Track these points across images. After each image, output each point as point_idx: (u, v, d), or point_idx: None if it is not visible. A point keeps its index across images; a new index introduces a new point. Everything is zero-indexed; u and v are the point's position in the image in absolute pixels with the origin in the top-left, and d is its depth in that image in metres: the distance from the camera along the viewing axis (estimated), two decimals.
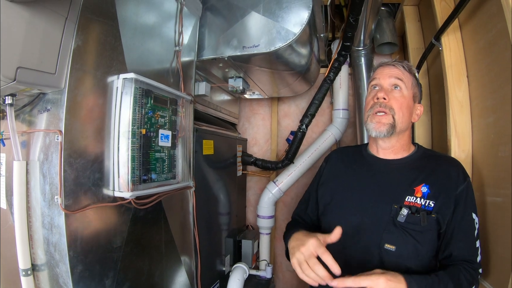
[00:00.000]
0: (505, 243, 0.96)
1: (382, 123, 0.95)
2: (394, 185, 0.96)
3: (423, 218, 0.88)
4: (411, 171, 0.96)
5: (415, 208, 0.90)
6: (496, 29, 1.03)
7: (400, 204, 0.92)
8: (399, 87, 0.97)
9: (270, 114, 2.38)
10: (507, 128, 0.98)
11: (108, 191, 0.89)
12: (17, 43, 0.67)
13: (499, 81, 1.02)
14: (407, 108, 0.97)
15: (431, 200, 0.90)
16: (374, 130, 0.96)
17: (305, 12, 1.23)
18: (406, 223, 0.89)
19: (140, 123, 0.92)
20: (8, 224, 0.93)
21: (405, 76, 0.98)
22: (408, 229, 0.90)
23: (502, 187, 1.00)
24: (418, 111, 1.02)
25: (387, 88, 0.98)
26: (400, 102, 0.96)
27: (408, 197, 0.92)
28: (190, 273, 1.30)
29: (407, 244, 0.90)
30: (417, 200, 0.91)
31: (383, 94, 0.96)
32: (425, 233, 0.89)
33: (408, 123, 0.99)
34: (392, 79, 0.98)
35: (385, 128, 0.94)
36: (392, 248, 0.90)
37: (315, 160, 1.93)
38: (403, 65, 1.00)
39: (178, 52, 1.20)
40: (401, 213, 0.90)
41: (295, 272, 0.85)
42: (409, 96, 0.98)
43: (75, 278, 0.80)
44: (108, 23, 0.88)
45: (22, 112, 0.89)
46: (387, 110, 0.95)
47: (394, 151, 1.01)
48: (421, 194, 0.92)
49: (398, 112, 0.95)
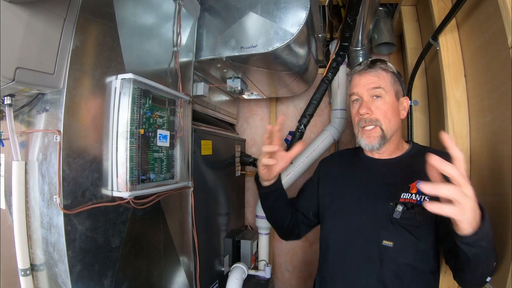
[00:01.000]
0: (503, 241, 0.97)
1: (373, 137, 0.97)
2: (390, 184, 0.98)
3: (418, 213, 0.89)
4: (406, 169, 0.98)
5: (411, 204, 0.91)
6: (493, 29, 1.03)
7: (396, 201, 0.93)
8: (380, 96, 0.97)
9: (268, 115, 2.38)
10: (504, 128, 0.98)
11: (107, 190, 0.89)
12: (16, 44, 0.67)
13: (497, 80, 1.03)
14: (392, 112, 0.97)
15: (425, 195, 0.90)
16: (367, 145, 0.99)
17: (302, 13, 1.24)
18: (402, 219, 0.91)
19: (139, 124, 0.93)
20: (7, 224, 0.93)
21: (383, 79, 0.98)
22: (404, 225, 0.91)
23: (500, 185, 1.01)
24: (404, 105, 1.02)
25: (367, 100, 0.98)
26: (384, 110, 0.96)
27: (404, 194, 0.93)
28: (189, 273, 1.30)
29: (405, 239, 0.90)
30: (412, 196, 0.92)
31: (365, 109, 0.97)
32: (422, 227, 0.90)
33: (397, 124, 1.00)
34: (371, 90, 0.98)
35: (377, 141, 0.97)
36: (390, 244, 0.92)
37: (313, 160, 1.93)
38: (377, 68, 0.99)
39: (176, 52, 1.20)
40: (396, 209, 0.92)
41: (294, 272, 0.88)
42: (392, 99, 0.98)
43: (73, 277, 0.80)
44: (107, 23, 0.89)
45: (21, 113, 0.89)
46: (374, 123, 0.97)
47: (389, 153, 1.04)
48: (416, 190, 0.92)
49: (384, 121, 0.96)
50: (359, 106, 1.00)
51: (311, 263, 2.25)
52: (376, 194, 0.98)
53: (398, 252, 0.91)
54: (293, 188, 2.24)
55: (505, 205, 0.97)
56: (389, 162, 1.03)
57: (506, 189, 0.96)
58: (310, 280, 0.97)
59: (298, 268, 2.29)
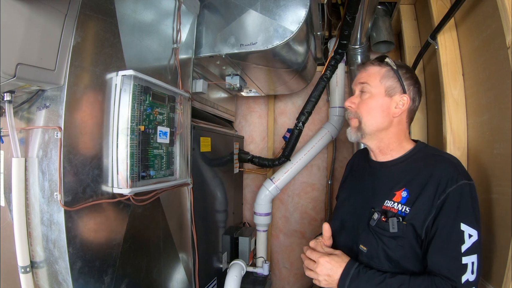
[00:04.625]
0: (500, 240, 0.98)
1: (352, 128, 1.00)
2: (379, 188, 0.96)
3: (393, 224, 0.85)
4: (398, 174, 0.94)
5: (391, 213, 0.88)
6: (491, 28, 1.04)
7: (379, 208, 0.92)
8: (364, 91, 0.97)
9: (266, 112, 2.39)
10: (502, 126, 0.99)
11: (107, 187, 0.89)
12: (17, 40, 0.67)
13: (494, 79, 1.04)
14: (376, 108, 0.94)
15: (407, 206, 0.86)
16: (348, 134, 1.02)
17: (302, 10, 1.24)
18: (376, 227, 0.89)
19: (139, 120, 0.93)
20: (7, 221, 0.92)
21: (371, 75, 0.96)
22: (378, 233, 0.89)
23: (497, 184, 1.02)
24: (401, 103, 0.94)
25: (357, 94, 1.00)
26: (368, 105, 0.95)
27: (387, 201, 0.91)
28: (187, 270, 1.30)
29: (377, 247, 0.89)
30: (394, 205, 0.89)
31: (349, 102, 0.99)
32: (398, 240, 0.86)
33: (384, 121, 0.95)
34: (359, 86, 0.99)
35: (353, 132, 0.99)
36: (364, 249, 0.93)
37: (311, 157, 1.94)
38: (370, 64, 0.99)
39: (176, 49, 1.20)
40: (372, 217, 0.91)
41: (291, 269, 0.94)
42: (379, 94, 0.95)
43: (74, 274, 0.80)
44: (107, 20, 0.88)
45: (21, 109, 0.89)
46: (354, 115, 0.98)
47: (383, 153, 0.99)
48: (400, 199, 0.89)
49: (366, 116, 0.95)
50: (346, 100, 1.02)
51: None
52: (366, 197, 0.99)
53: (370, 257, 0.91)
54: (290, 184, 2.26)
55: (502, 203, 0.98)
56: (386, 164, 0.99)
57: (504, 188, 0.97)
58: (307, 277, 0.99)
59: (296, 265, 2.31)
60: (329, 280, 0.91)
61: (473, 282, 0.79)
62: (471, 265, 0.79)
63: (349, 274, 0.88)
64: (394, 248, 0.86)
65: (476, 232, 0.81)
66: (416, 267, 0.86)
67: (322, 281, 0.92)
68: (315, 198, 2.28)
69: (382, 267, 0.88)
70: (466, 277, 0.79)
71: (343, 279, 0.88)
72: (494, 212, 1.04)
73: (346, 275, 0.88)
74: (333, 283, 0.90)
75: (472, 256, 0.80)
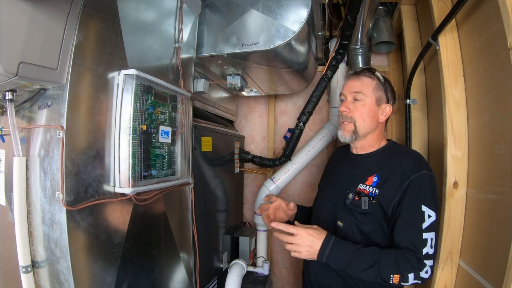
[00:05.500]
0: (500, 239, 0.98)
1: (346, 131, 1.14)
2: (355, 175, 1.15)
3: (364, 202, 1.05)
4: (371, 164, 1.13)
5: (364, 194, 1.07)
6: (492, 29, 1.04)
7: (353, 190, 1.10)
8: (359, 100, 1.12)
9: (267, 112, 2.39)
10: (502, 127, 1.00)
11: (109, 187, 0.89)
12: (20, 38, 0.66)
13: (495, 80, 1.04)
14: (368, 114, 1.12)
15: (377, 188, 1.05)
16: (342, 137, 1.16)
17: (304, 11, 1.24)
18: (351, 205, 1.09)
19: (141, 120, 0.92)
20: (8, 221, 0.92)
21: (365, 86, 1.12)
22: (352, 210, 1.08)
23: (497, 184, 1.02)
24: (385, 111, 1.14)
25: (350, 100, 1.14)
26: (361, 111, 1.11)
27: (360, 185, 1.09)
28: (188, 269, 1.30)
29: (351, 222, 1.08)
30: (366, 188, 1.08)
31: (344, 108, 1.14)
32: (368, 216, 1.05)
33: (373, 125, 1.13)
34: (353, 94, 1.13)
35: (349, 135, 1.13)
36: (341, 224, 1.11)
37: (312, 157, 1.94)
38: (362, 75, 1.14)
39: (178, 49, 1.19)
40: (348, 197, 1.11)
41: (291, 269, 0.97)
42: (371, 103, 1.12)
43: (76, 274, 0.80)
44: (110, 19, 0.88)
45: (22, 108, 0.88)
46: (349, 120, 1.13)
47: (364, 149, 1.18)
48: (371, 183, 1.08)
49: (359, 120, 1.11)
50: (341, 105, 1.16)
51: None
52: (344, 183, 1.17)
53: (346, 231, 1.09)
54: (291, 184, 2.26)
55: (503, 203, 0.99)
56: (362, 156, 1.18)
57: (505, 188, 0.98)
58: None
59: (296, 265, 2.31)
60: (311, 251, 1.01)
61: (432, 255, 0.96)
62: (430, 241, 0.96)
63: (328, 244, 1.00)
64: (365, 223, 1.05)
65: (434, 213, 0.98)
66: (383, 242, 1.05)
67: (304, 252, 1.02)
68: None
69: (355, 240, 1.05)
70: (426, 250, 0.95)
71: (324, 248, 1.00)
72: (494, 212, 1.04)
73: (326, 244, 1.00)
74: (314, 253, 1.01)
75: (431, 233, 0.96)
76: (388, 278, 0.94)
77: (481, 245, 1.10)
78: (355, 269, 0.98)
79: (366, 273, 0.96)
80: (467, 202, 1.22)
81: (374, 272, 0.95)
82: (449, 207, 1.23)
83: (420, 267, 0.94)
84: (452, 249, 1.23)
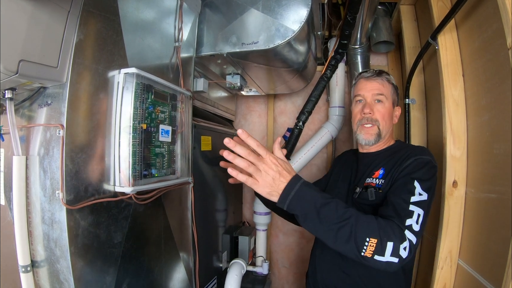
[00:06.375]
0: (499, 238, 0.99)
1: (370, 134, 1.12)
2: (363, 171, 1.14)
3: (371, 193, 1.03)
4: (379, 159, 1.12)
5: (370, 186, 1.05)
6: (492, 29, 1.05)
7: (361, 184, 1.09)
8: (381, 101, 1.12)
9: (266, 112, 2.39)
10: (502, 127, 1.00)
11: (109, 186, 0.88)
12: (20, 36, 0.66)
13: (494, 80, 1.04)
14: (388, 116, 1.13)
15: (383, 179, 1.04)
16: (364, 140, 1.13)
17: (304, 10, 1.24)
18: (359, 198, 1.07)
19: (141, 119, 0.92)
20: (7, 220, 0.92)
21: (385, 88, 1.13)
22: (360, 203, 1.06)
23: (496, 183, 1.03)
24: (397, 113, 1.19)
25: (371, 102, 1.13)
26: (383, 113, 1.12)
27: (368, 179, 1.09)
28: (188, 269, 1.30)
29: None
30: (373, 180, 1.07)
31: (369, 110, 1.11)
32: (375, 207, 1.00)
33: (390, 126, 1.16)
34: (375, 95, 1.12)
35: (373, 138, 1.12)
36: None
37: (311, 157, 1.94)
38: (382, 78, 1.14)
39: (178, 48, 1.19)
40: (355, 191, 1.10)
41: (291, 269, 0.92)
42: (390, 105, 1.14)
43: (76, 274, 0.79)
44: (110, 17, 0.88)
45: (22, 107, 0.88)
46: (373, 122, 1.11)
47: (374, 147, 1.17)
48: (378, 175, 1.07)
49: (382, 122, 1.11)
50: (363, 106, 1.14)
51: (307, 260, 2.26)
52: (352, 179, 1.18)
53: None
54: None
55: (502, 203, 0.99)
56: (371, 154, 1.17)
57: (504, 187, 0.98)
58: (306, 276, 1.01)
59: (295, 265, 2.31)
60: (275, 183, 0.80)
61: (417, 232, 0.83)
62: (416, 216, 0.85)
63: (299, 180, 0.82)
64: (373, 213, 0.91)
65: (427, 194, 0.90)
66: None
67: (266, 181, 0.80)
68: None
69: None
70: (410, 222, 0.83)
71: (293, 182, 0.81)
72: (493, 211, 1.04)
73: (296, 180, 0.82)
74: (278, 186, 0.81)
75: (419, 209, 0.87)
76: (363, 242, 0.77)
77: (481, 244, 1.11)
78: (325, 219, 0.79)
79: (337, 229, 0.78)
80: (466, 201, 1.22)
81: (349, 228, 0.78)
82: (448, 206, 1.24)
83: (401, 238, 0.79)
84: (451, 248, 1.24)
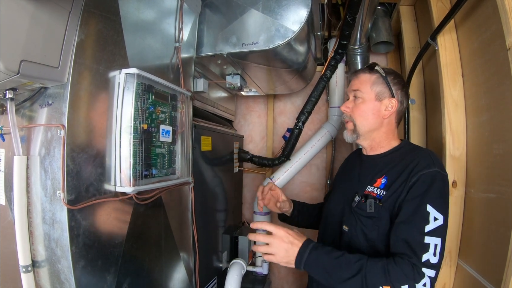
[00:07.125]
0: (499, 238, 0.99)
1: (348, 130, 1.12)
2: (364, 176, 1.08)
3: (370, 205, 0.95)
4: (381, 164, 1.04)
5: (371, 196, 0.98)
6: (491, 30, 1.05)
7: (361, 192, 1.02)
8: (358, 97, 1.08)
9: (266, 112, 2.39)
10: (501, 127, 1.01)
11: (110, 186, 0.88)
12: (21, 36, 0.66)
13: (493, 80, 1.05)
14: (369, 111, 1.05)
15: (385, 190, 0.96)
16: (345, 136, 1.13)
17: (304, 11, 1.24)
18: (357, 208, 1.00)
19: (142, 119, 0.92)
20: (7, 220, 0.92)
21: (362, 82, 1.07)
22: (357, 214, 1.00)
23: (496, 183, 1.03)
24: (390, 106, 1.04)
25: (350, 99, 1.11)
26: (360, 109, 1.06)
27: (369, 187, 1.01)
28: (188, 269, 1.30)
29: (356, 226, 1.00)
30: (374, 190, 0.99)
31: (344, 107, 1.11)
32: (374, 220, 0.95)
33: (376, 123, 1.06)
34: (352, 92, 1.10)
35: (349, 134, 1.11)
36: (346, 229, 1.04)
37: (311, 157, 1.94)
38: (361, 72, 1.10)
39: (178, 48, 1.19)
40: (354, 199, 1.02)
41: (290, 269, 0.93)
42: (370, 99, 1.05)
43: (77, 274, 0.79)
44: (111, 17, 0.88)
45: (22, 107, 0.88)
46: (349, 119, 1.10)
47: (373, 149, 1.11)
48: (380, 185, 0.99)
49: (358, 119, 1.07)
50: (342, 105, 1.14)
51: None
52: (352, 185, 1.11)
53: (350, 237, 1.01)
54: (290, 184, 2.26)
55: (501, 203, 0.99)
56: (372, 158, 1.11)
57: (503, 187, 0.98)
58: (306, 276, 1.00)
59: None
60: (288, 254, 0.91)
61: (435, 265, 0.80)
62: (433, 247, 0.80)
63: (308, 247, 0.90)
64: (371, 228, 0.95)
65: (442, 217, 0.84)
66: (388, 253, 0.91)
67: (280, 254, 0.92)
68: (314, 197, 2.29)
69: (360, 247, 0.97)
70: (427, 257, 0.80)
71: (302, 251, 0.90)
72: (492, 211, 1.05)
73: (305, 248, 0.90)
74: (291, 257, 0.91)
75: (436, 238, 0.81)
76: None
77: (480, 244, 1.11)
78: (337, 278, 0.84)
79: (350, 284, 0.82)
80: (465, 201, 1.23)
81: (360, 281, 0.81)
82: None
83: (417, 277, 0.78)
84: (451, 248, 1.24)
